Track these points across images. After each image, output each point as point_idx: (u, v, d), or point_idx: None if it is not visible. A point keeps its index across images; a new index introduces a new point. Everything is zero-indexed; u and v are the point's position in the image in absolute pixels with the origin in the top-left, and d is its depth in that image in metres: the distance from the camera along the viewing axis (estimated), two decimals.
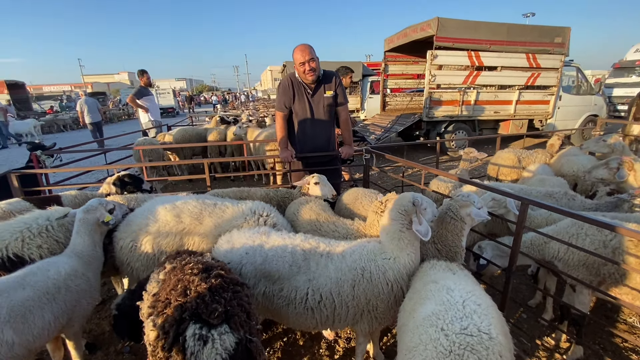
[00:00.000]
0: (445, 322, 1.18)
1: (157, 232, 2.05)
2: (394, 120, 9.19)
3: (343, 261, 1.75)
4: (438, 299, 1.30)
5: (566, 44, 8.60)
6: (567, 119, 9.52)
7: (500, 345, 1.11)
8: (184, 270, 1.40)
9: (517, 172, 4.11)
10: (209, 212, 2.17)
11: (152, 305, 1.31)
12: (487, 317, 1.19)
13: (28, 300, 1.64)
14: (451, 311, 1.21)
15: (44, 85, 69.52)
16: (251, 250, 1.81)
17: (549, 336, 2.48)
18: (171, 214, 2.10)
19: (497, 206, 2.54)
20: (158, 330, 1.20)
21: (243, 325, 1.25)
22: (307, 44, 3.04)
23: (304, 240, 1.85)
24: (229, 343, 1.17)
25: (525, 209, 1.96)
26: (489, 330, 1.14)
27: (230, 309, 1.25)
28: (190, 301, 1.22)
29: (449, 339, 1.12)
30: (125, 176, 3.20)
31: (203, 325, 1.18)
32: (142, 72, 6.93)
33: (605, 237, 1.93)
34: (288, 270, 1.74)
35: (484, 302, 1.28)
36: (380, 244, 1.84)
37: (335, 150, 3.54)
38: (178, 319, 1.19)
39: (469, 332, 1.13)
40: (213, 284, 1.30)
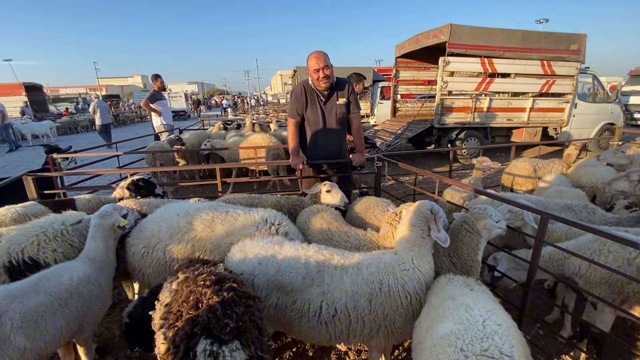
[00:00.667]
0: (464, 342, 1.14)
1: (169, 239, 2.05)
2: (405, 127, 9.13)
3: (359, 274, 1.71)
4: (457, 318, 1.26)
5: (582, 51, 8.44)
6: (583, 127, 9.32)
7: None
8: (196, 281, 1.38)
9: (532, 182, 4.02)
10: (221, 219, 2.16)
11: (164, 317, 1.29)
12: (508, 338, 1.15)
13: (41, 306, 1.64)
14: (471, 331, 1.17)
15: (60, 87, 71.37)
16: (264, 260, 1.78)
17: (567, 354, 2.39)
18: (184, 220, 2.10)
19: (514, 218, 2.48)
20: (169, 343, 1.19)
21: (254, 342, 1.23)
22: (321, 51, 3.04)
23: (317, 252, 1.82)
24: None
25: (545, 223, 1.89)
26: (512, 352, 1.09)
27: (242, 325, 1.22)
28: (201, 315, 1.21)
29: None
30: (139, 180, 3.24)
31: (214, 341, 1.15)
32: (156, 76, 7.04)
33: (630, 255, 1.86)
34: (301, 282, 1.70)
35: (505, 322, 1.23)
36: (397, 255, 1.80)
37: (346, 157, 3.51)
38: (189, 333, 1.17)
39: (490, 354, 1.08)
40: (225, 298, 1.28)
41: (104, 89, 62.46)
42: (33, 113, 19.94)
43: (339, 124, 3.33)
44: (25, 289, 1.67)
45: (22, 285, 1.70)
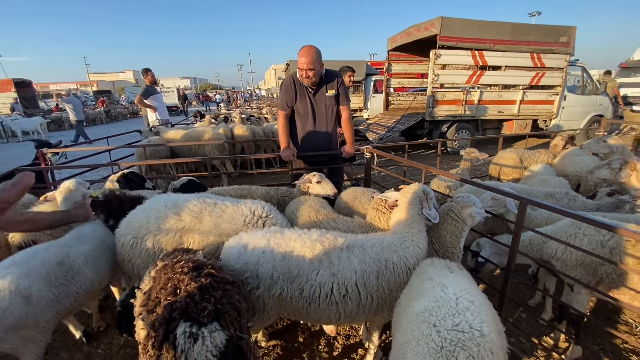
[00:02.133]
0: (437, 318, 1.19)
1: (157, 230, 2.07)
2: (397, 120, 9.18)
3: (365, 253, 1.77)
4: (432, 296, 1.32)
5: (571, 44, 8.53)
6: (572, 119, 9.45)
7: (491, 343, 1.12)
8: (174, 268, 1.41)
9: (519, 172, 4.11)
10: (209, 211, 2.18)
11: (144, 304, 1.32)
12: (480, 314, 1.20)
13: (91, 251, 2.10)
14: (444, 308, 1.23)
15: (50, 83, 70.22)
16: (268, 248, 1.79)
17: (547, 336, 2.48)
18: (171, 212, 2.13)
19: (497, 205, 2.55)
20: (148, 328, 1.22)
21: (233, 323, 1.28)
22: (311, 49, 3.01)
23: (321, 235, 1.85)
24: (219, 340, 1.19)
25: (524, 208, 1.96)
26: (481, 327, 1.15)
27: (220, 307, 1.26)
28: (180, 300, 1.24)
29: (440, 335, 1.14)
30: (129, 174, 3.25)
31: (193, 324, 1.19)
32: (147, 70, 6.97)
33: (603, 237, 1.94)
34: (309, 265, 1.73)
35: (478, 300, 1.29)
36: (397, 235, 1.91)
37: (336, 149, 3.56)
38: (168, 317, 1.20)
39: (461, 328, 1.14)
40: (203, 283, 1.31)
41: (95, 84, 61.59)
42: (23, 109, 19.64)
43: (328, 115, 3.37)
44: (73, 240, 2.09)
45: (68, 238, 2.11)
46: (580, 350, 2.22)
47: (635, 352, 2.32)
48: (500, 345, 1.19)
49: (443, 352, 1.09)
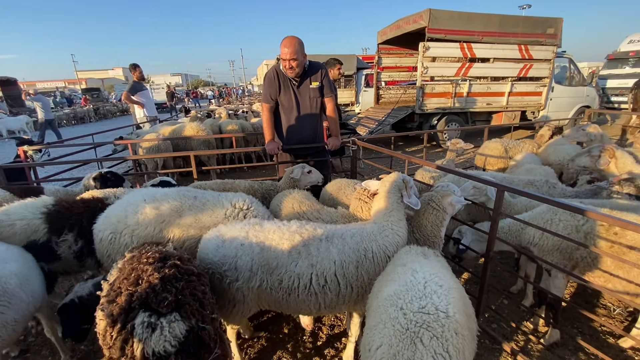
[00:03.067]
0: (405, 301, 1.21)
1: (135, 224, 2.06)
2: (388, 113, 9.19)
3: (345, 244, 1.78)
4: (402, 280, 1.33)
5: (558, 35, 8.60)
6: (560, 110, 9.56)
7: (456, 324, 1.15)
8: (140, 259, 1.40)
9: (504, 162, 4.15)
10: (189, 205, 2.16)
11: (106, 294, 1.31)
12: (447, 297, 1.22)
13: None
14: (412, 291, 1.25)
15: (36, 81, 68.85)
16: (246, 241, 1.77)
17: (528, 321, 2.53)
18: (150, 206, 2.11)
19: (479, 194, 2.58)
20: (107, 318, 1.21)
21: (195, 314, 1.27)
22: (294, 39, 2.98)
23: (300, 226, 1.85)
24: (178, 331, 1.19)
25: (501, 195, 1.99)
26: (447, 309, 1.17)
27: (181, 298, 1.26)
28: (140, 290, 1.23)
29: (406, 318, 1.16)
30: (107, 173, 3.18)
31: (152, 314, 1.19)
32: (135, 66, 6.86)
33: (578, 222, 1.97)
34: (287, 257, 1.73)
35: (447, 284, 1.29)
36: (377, 224, 1.91)
37: (322, 141, 3.55)
38: (127, 307, 1.20)
39: (427, 310, 1.16)
40: (166, 274, 1.31)
41: (84, 82, 60.57)
42: (8, 108, 19.24)
43: (313, 108, 3.35)
44: None
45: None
46: (558, 333, 2.26)
47: (613, 334, 2.38)
48: (467, 326, 1.21)
49: (408, 334, 1.11)
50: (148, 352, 1.15)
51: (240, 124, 7.25)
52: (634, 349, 2.23)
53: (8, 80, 21.68)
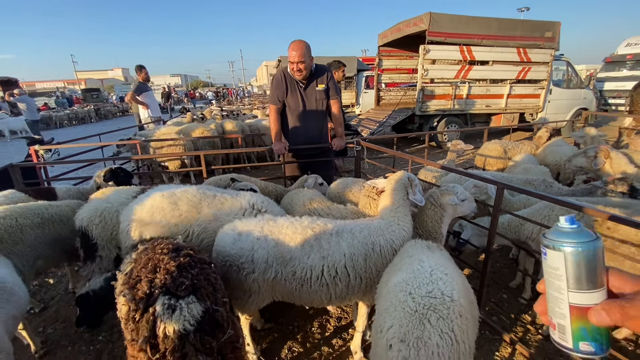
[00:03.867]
0: (413, 287, 1.32)
1: (151, 219, 2.13)
2: (388, 115, 9.32)
3: (354, 238, 1.89)
4: (409, 269, 1.45)
5: (556, 39, 8.75)
6: (558, 112, 9.71)
7: (460, 307, 1.25)
8: (155, 250, 1.51)
9: (503, 162, 4.27)
10: (208, 202, 2.22)
11: (125, 282, 1.42)
12: (451, 284, 1.33)
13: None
14: (419, 278, 1.36)
15: (36, 81, 68.83)
16: (262, 235, 1.86)
17: (526, 313, 2.64)
18: (168, 201, 2.19)
19: (479, 192, 2.69)
20: (129, 303, 1.32)
21: (209, 297, 1.40)
22: (301, 43, 3.11)
23: (311, 222, 1.95)
24: (196, 311, 1.31)
25: (501, 192, 2.10)
26: (452, 294, 1.28)
27: (197, 282, 1.39)
28: (159, 277, 1.35)
29: (415, 301, 1.27)
30: (117, 169, 3.23)
31: (172, 297, 1.31)
32: (140, 67, 6.97)
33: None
34: (300, 250, 1.83)
35: (451, 273, 1.41)
36: (384, 220, 2.02)
37: (327, 142, 3.66)
38: (148, 292, 1.31)
39: (433, 295, 1.27)
40: (182, 262, 1.43)
41: (83, 82, 60.61)
42: (10, 108, 19.26)
43: (318, 109, 3.47)
44: None
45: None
46: None
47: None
48: (469, 310, 1.32)
49: (417, 315, 1.22)
50: (169, 330, 1.26)
51: (240, 126, 7.36)
52: (627, 340, 2.34)
53: (9, 81, 21.66)
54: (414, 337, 1.19)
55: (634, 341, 2.32)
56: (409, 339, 1.20)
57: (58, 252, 2.46)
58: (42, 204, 2.46)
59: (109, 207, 2.38)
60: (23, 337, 2.30)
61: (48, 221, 2.37)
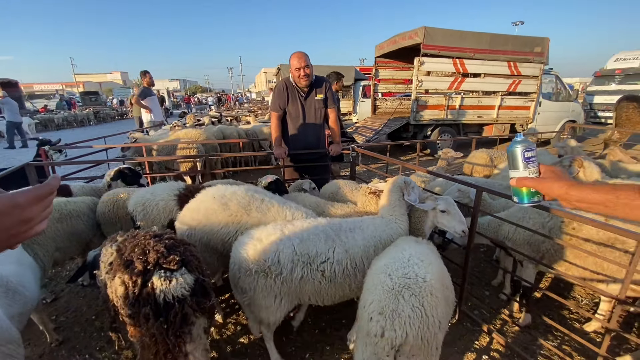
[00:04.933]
0: (392, 269, 1.57)
1: (205, 219, 2.21)
2: (384, 124, 9.61)
3: (363, 232, 2.09)
4: (391, 256, 1.70)
5: (545, 53, 9.13)
6: (547, 124, 10.07)
7: (432, 287, 1.49)
8: (137, 237, 1.68)
9: (489, 170, 4.54)
10: (257, 205, 2.26)
11: (114, 269, 1.59)
12: (426, 269, 1.57)
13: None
14: (398, 263, 1.61)
15: (34, 83, 68.76)
16: (284, 236, 1.92)
17: (505, 308, 2.87)
18: (218, 202, 2.23)
19: (462, 196, 2.94)
20: (127, 281, 1.50)
21: (197, 269, 1.63)
22: (303, 53, 3.41)
23: (327, 220, 2.11)
24: (189, 280, 1.55)
25: (480, 194, 2.35)
26: (425, 276, 1.53)
27: (185, 258, 1.62)
28: (151, 256, 1.56)
29: (392, 281, 1.51)
30: (125, 169, 3.38)
31: (166, 271, 1.53)
32: (145, 72, 7.22)
33: (544, 220, 2.34)
34: (324, 245, 1.93)
35: (428, 260, 1.65)
36: (384, 218, 2.25)
37: (324, 148, 3.90)
38: (143, 270, 1.52)
39: (408, 276, 1.52)
40: (167, 244, 1.64)
41: (82, 85, 60.65)
42: None
43: (317, 117, 3.72)
44: None
45: None
46: (530, 317, 2.61)
47: (579, 320, 2.72)
48: (442, 293, 1.56)
49: (393, 292, 1.47)
50: (169, 297, 1.49)
51: (237, 131, 7.58)
52: (596, 332, 2.57)
53: (9, 82, 21.85)
54: (390, 310, 1.43)
55: (601, 334, 2.55)
56: (385, 312, 1.43)
57: (74, 244, 2.66)
58: (62, 200, 2.66)
59: (150, 199, 2.57)
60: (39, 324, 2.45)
61: (67, 216, 2.58)
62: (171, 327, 1.50)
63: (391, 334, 1.39)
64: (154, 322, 1.48)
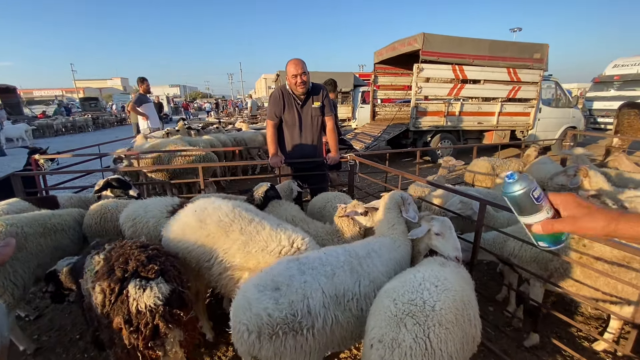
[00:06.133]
0: (398, 294, 1.43)
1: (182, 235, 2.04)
2: (383, 130, 9.53)
3: (378, 256, 1.90)
4: (402, 278, 1.57)
5: (544, 60, 9.10)
6: (547, 130, 9.99)
7: (440, 317, 1.33)
8: (124, 247, 1.69)
9: (491, 179, 4.42)
10: (242, 226, 1.97)
11: (99, 277, 1.59)
12: (438, 296, 1.40)
13: None
14: (406, 287, 1.46)
15: (34, 89, 68.97)
16: (306, 277, 1.58)
17: (510, 325, 2.74)
18: (196, 217, 2.03)
19: (465, 208, 2.82)
20: (105, 288, 1.50)
21: (175, 279, 1.60)
22: (299, 59, 3.31)
23: (344, 250, 1.84)
24: (164, 289, 1.51)
25: (484, 208, 2.23)
26: (434, 304, 1.37)
27: (164, 267, 1.60)
28: (131, 265, 1.55)
29: (396, 307, 1.37)
30: (113, 180, 3.21)
31: (142, 279, 1.51)
32: (142, 79, 7.15)
33: None
34: (350, 278, 1.68)
35: (444, 286, 1.47)
36: (387, 238, 2.09)
37: (322, 156, 3.79)
38: (121, 277, 1.51)
39: (414, 303, 1.37)
40: (150, 254, 1.63)
41: (82, 91, 60.81)
42: (7, 116, 19.31)
43: (314, 125, 3.61)
44: None
45: None
46: (537, 337, 2.47)
47: (588, 338, 2.59)
48: (459, 325, 1.39)
49: (395, 319, 1.34)
50: (141, 306, 1.46)
51: (220, 138, 7.40)
52: (606, 352, 2.44)
53: (7, 88, 21.84)
54: (390, 339, 1.31)
55: (612, 353, 2.42)
56: (385, 340, 1.31)
57: (59, 260, 2.52)
58: (46, 213, 2.54)
59: (142, 215, 2.44)
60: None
61: (50, 231, 2.45)
62: (141, 338, 1.46)
63: None
64: (125, 332, 1.46)
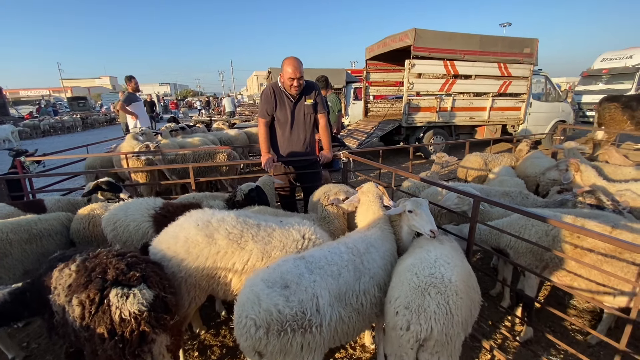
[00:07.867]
0: (419, 269, 1.62)
1: (185, 253, 1.85)
2: (376, 126, 9.52)
3: (375, 250, 1.95)
4: (417, 256, 1.75)
5: (534, 54, 9.16)
6: (538, 124, 10.09)
7: (457, 288, 1.53)
8: (99, 257, 1.61)
9: (484, 174, 4.44)
10: (253, 234, 1.91)
11: (71, 293, 1.50)
12: (452, 270, 1.61)
13: None
14: (424, 263, 1.66)
15: (20, 89, 67.43)
16: (315, 277, 1.60)
17: (505, 321, 2.75)
18: (202, 233, 1.86)
19: (461, 204, 2.81)
20: (84, 300, 1.44)
21: (158, 285, 1.58)
22: (297, 60, 3.22)
23: (345, 244, 1.88)
24: (148, 295, 1.49)
25: (477, 205, 2.23)
26: (450, 277, 1.56)
27: (146, 274, 1.57)
28: (110, 274, 1.50)
29: (419, 279, 1.56)
30: (102, 183, 3.14)
31: (124, 287, 1.48)
32: (130, 78, 7.00)
33: (547, 227, 2.22)
34: (353, 276, 1.72)
35: (453, 262, 1.68)
36: (377, 229, 2.11)
37: (315, 154, 3.76)
38: (101, 287, 1.46)
39: (435, 276, 1.56)
40: (129, 262, 1.59)
41: (69, 90, 59.64)
42: None
43: (307, 123, 3.57)
44: None
45: None
46: (531, 331, 2.49)
47: (581, 332, 2.61)
48: (467, 294, 1.62)
49: (420, 289, 1.53)
50: (125, 314, 1.43)
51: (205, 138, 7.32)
52: (600, 345, 2.46)
53: None
54: (416, 305, 1.49)
55: (605, 346, 2.44)
56: (411, 306, 1.49)
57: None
58: (32, 218, 2.46)
59: (122, 218, 2.35)
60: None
61: (36, 237, 2.38)
62: (127, 346, 1.44)
63: (416, 327, 1.45)
64: (109, 342, 1.42)
